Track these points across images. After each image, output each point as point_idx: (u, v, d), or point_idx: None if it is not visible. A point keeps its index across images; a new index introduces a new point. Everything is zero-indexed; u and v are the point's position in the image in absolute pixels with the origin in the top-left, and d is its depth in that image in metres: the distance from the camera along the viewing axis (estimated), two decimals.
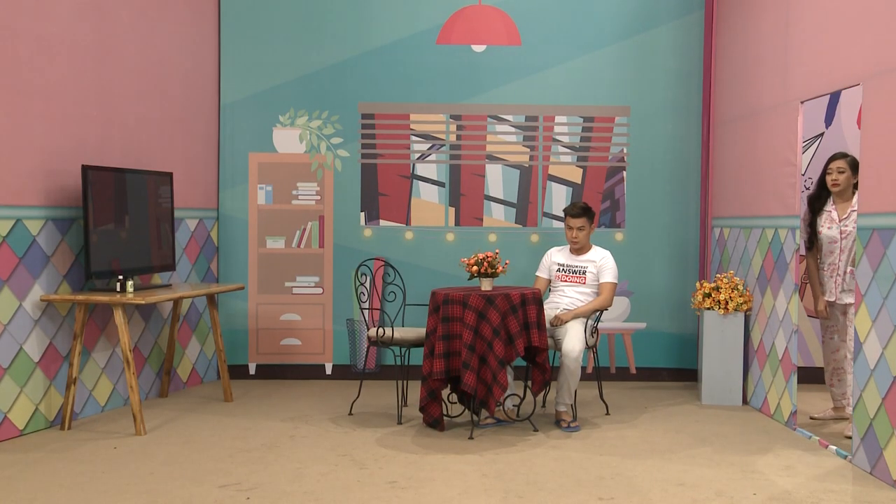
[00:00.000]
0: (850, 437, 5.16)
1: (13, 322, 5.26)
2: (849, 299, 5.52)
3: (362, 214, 7.31)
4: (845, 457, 4.92)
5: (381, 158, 7.30)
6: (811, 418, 5.83)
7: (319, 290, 7.31)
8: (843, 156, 5.66)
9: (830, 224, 5.61)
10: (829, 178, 5.63)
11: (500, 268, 5.55)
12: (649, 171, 7.27)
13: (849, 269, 5.52)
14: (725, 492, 4.34)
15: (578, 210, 5.97)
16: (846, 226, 5.54)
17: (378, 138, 7.30)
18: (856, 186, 5.43)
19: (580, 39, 7.26)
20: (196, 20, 7.03)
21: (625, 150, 7.29)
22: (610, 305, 5.98)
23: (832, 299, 5.62)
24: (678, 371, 7.29)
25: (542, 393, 6.09)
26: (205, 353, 7.11)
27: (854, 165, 5.49)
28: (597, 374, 6.39)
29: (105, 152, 5.99)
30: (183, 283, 6.67)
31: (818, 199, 5.72)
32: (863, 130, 4.77)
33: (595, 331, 5.92)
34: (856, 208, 5.34)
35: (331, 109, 7.29)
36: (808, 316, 6.69)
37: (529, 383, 5.86)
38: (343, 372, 7.33)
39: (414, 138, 7.31)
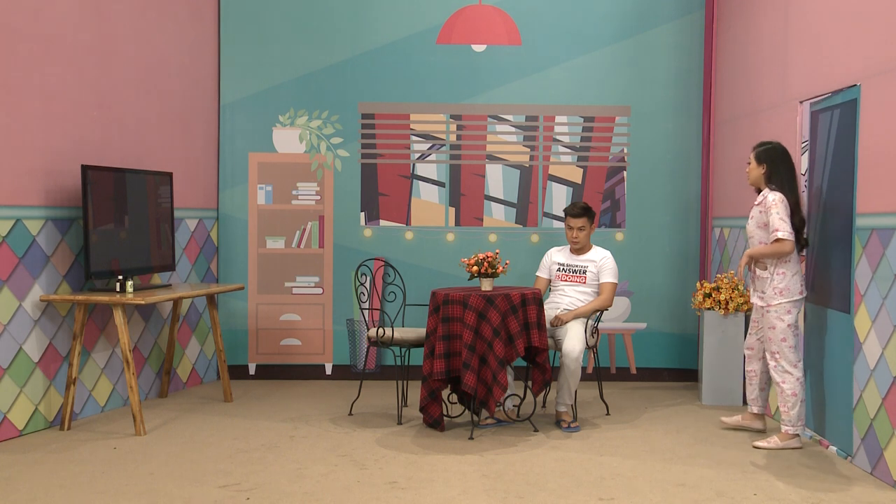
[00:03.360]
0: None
1: (13, 322, 5.26)
2: (756, 301, 5.31)
3: (362, 214, 7.31)
4: (846, 457, 4.92)
5: (381, 158, 7.30)
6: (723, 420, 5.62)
7: (319, 291, 7.31)
8: (758, 146, 5.38)
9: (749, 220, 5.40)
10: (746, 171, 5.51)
11: (501, 268, 5.54)
12: (650, 170, 7.26)
13: (754, 269, 5.27)
14: (726, 492, 4.34)
15: (579, 210, 5.96)
16: (748, 222, 5.37)
17: (378, 138, 7.30)
18: (767, 178, 5.24)
19: (580, 39, 7.25)
20: (196, 20, 7.02)
21: (625, 150, 7.28)
22: (610, 305, 5.98)
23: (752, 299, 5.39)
24: (679, 371, 7.29)
25: (543, 393, 6.09)
26: (204, 354, 7.11)
27: (758, 156, 5.27)
28: (597, 374, 6.39)
29: (105, 152, 5.99)
30: (183, 283, 6.67)
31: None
32: (862, 130, 4.77)
33: (595, 331, 5.91)
34: (757, 202, 5.27)
35: (331, 109, 7.29)
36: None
37: (530, 383, 5.86)
38: (343, 372, 7.33)
39: (414, 138, 7.30)
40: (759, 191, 5.38)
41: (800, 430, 5.18)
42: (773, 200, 5.10)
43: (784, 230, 5.02)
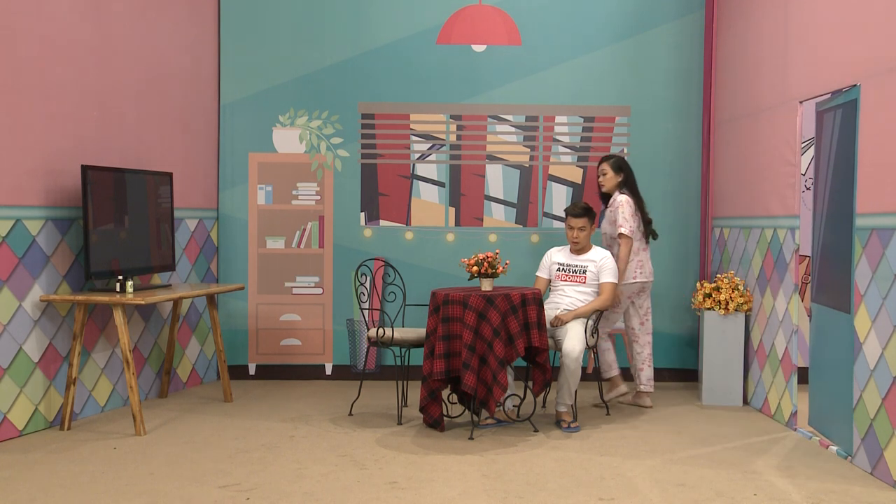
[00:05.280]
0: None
1: (13, 322, 5.26)
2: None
3: (362, 214, 7.31)
4: (846, 457, 4.92)
5: (381, 158, 7.30)
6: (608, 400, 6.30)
7: (319, 291, 7.31)
8: (606, 158, 6.38)
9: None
10: (598, 181, 6.42)
11: (501, 268, 5.54)
12: (649, 171, 7.25)
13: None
14: (726, 492, 4.34)
15: (580, 210, 5.97)
16: (602, 221, 6.43)
17: (378, 138, 7.30)
18: (620, 185, 6.27)
19: (580, 39, 7.25)
20: (196, 20, 7.02)
21: (625, 150, 7.28)
22: (610, 306, 5.98)
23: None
24: (679, 371, 7.29)
25: (543, 393, 6.09)
26: (204, 354, 7.11)
27: (615, 167, 6.29)
28: (597, 374, 6.38)
29: (105, 152, 5.99)
30: (183, 284, 6.67)
31: (604, 197, 6.47)
32: (861, 130, 4.77)
33: (595, 331, 5.91)
34: (609, 204, 6.29)
35: (331, 109, 7.29)
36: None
37: (530, 384, 5.86)
38: (343, 372, 7.32)
39: (414, 138, 7.30)
40: (607, 196, 6.38)
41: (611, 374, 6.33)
42: (621, 201, 6.14)
43: (626, 227, 6.10)
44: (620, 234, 6.11)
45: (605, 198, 6.44)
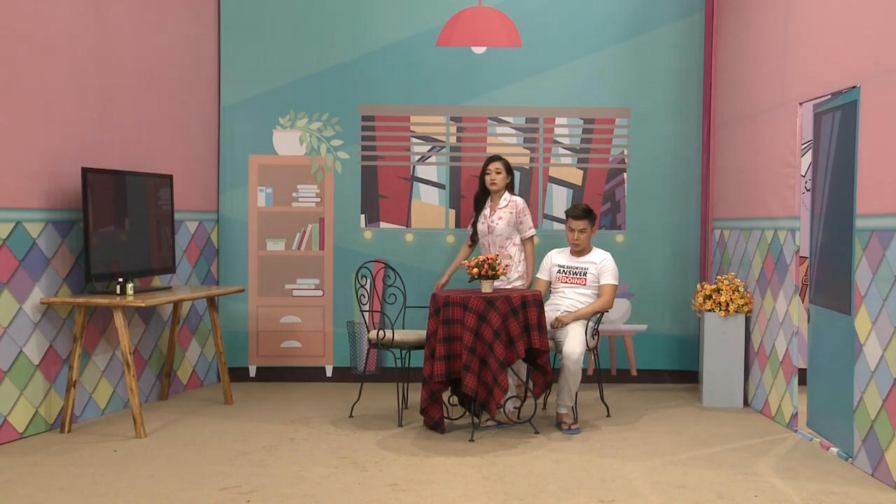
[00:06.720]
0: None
1: (13, 325, 5.25)
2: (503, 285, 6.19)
3: (362, 216, 7.31)
4: (846, 459, 4.92)
5: (381, 160, 7.30)
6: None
7: (320, 293, 7.31)
8: (498, 157, 6.35)
9: (483, 220, 6.32)
10: (487, 178, 6.30)
11: (501, 270, 5.54)
12: (650, 172, 7.26)
13: (503, 262, 6.12)
14: (726, 494, 4.34)
15: (580, 212, 5.97)
16: (494, 222, 6.26)
17: (378, 140, 7.30)
18: (510, 186, 6.33)
19: (580, 41, 7.25)
20: (196, 22, 7.03)
21: (625, 152, 7.28)
22: (610, 307, 5.98)
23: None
24: (679, 373, 7.28)
25: (543, 395, 6.08)
26: (205, 356, 7.11)
27: (507, 167, 6.29)
28: (597, 376, 6.39)
29: (105, 154, 5.99)
30: (183, 286, 6.67)
31: (481, 196, 6.39)
32: (861, 132, 4.77)
33: (596, 333, 5.91)
34: (504, 205, 6.25)
35: (331, 111, 7.29)
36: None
37: (530, 385, 5.86)
38: (343, 374, 7.32)
39: (414, 140, 7.30)
40: (486, 194, 6.33)
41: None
42: (524, 205, 6.28)
43: (534, 228, 6.33)
44: (531, 237, 6.28)
45: (484, 195, 6.36)
